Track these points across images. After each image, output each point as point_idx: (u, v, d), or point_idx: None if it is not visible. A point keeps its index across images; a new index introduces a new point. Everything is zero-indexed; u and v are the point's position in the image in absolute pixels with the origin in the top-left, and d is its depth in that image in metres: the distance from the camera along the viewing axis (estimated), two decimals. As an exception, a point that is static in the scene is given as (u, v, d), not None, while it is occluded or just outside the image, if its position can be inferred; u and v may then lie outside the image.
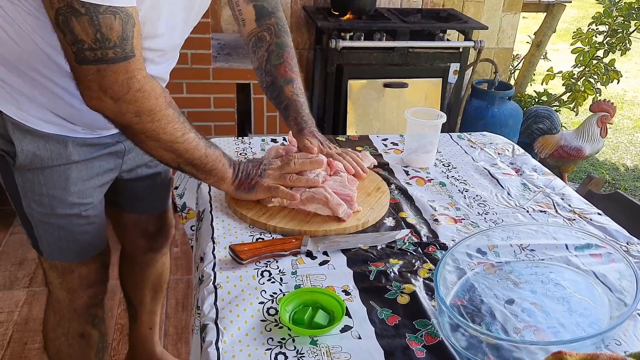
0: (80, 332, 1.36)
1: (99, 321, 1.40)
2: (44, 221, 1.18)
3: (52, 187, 1.14)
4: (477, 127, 3.00)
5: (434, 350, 0.80)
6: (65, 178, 1.15)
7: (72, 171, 1.15)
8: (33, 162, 1.10)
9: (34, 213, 1.17)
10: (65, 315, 1.33)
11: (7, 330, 1.96)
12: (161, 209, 1.49)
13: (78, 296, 1.30)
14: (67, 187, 1.15)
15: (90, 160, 1.18)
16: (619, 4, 3.28)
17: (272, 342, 0.80)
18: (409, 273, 0.96)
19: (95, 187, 1.22)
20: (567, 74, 3.48)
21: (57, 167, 1.13)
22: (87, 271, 1.28)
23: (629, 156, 4.02)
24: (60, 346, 1.37)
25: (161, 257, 1.62)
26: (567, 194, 1.26)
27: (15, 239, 2.44)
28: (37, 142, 1.09)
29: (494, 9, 3.26)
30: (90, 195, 1.20)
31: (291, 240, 1.00)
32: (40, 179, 1.13)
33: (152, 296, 1.66)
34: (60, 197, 1.15)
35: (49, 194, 1.14)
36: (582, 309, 0.90)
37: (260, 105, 2.57)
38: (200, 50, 2.38)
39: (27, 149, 1.08)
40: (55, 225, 1.18)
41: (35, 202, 1.15)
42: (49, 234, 1.20)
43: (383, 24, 2.73)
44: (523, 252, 1.02)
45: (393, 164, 1.36)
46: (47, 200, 1.15)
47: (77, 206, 1.18)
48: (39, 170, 1.12)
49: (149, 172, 1.37)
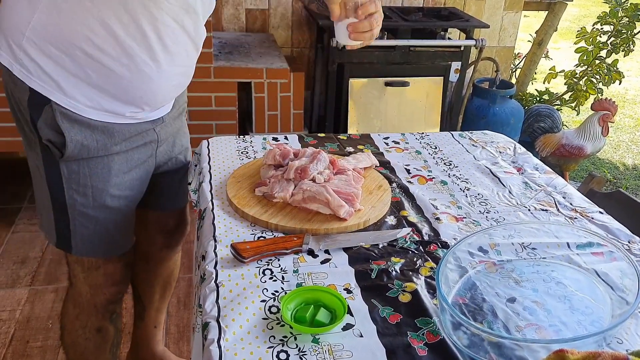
0: (97, 327, 1.37)
1: (117, 317, 1.41)
2: (83, 212, 1.19)
3: (95, 178, 1.16)
4: (479, 126, 3.00)
5: (435, 348, 0.80)
6: (108, 169, 1.16)
7: (114, 163, 1.17)
8: (81, 152, 1.11)
9: (75, 204, 1.17)
10: (85, 309, 1.34)
11: (9, 328, 1.96)
12: (182, 204, 1.50)
13: (100, 292, 1.32)
14: (109, 178, 1.17)
15: (129, 151, 1.19)
16: (624, 5, 3.27)
17: (274, 340, 0.80)
18: (410, 271, 0.96)
19: (134, 179, 1.23)
20: (569, 73, 3.47)
21: (101, 158, 1.15)
22: (112, 269, 1.29)
23: (630, 155, 4.02)
24: (77, 339, 1.38)
25: (175, 255, 1.63)
26: (568, 193, 1.26)
27: (17, 238, 2.44)
28: (84, 131, 1.10)
29: (496, 7, 3.26)
30: (129, 188, 1.22)
31: (293, 239, 1.00)
32: (85, 170, 1.14)
33: (161, 294, 1.67)
34: (102, 189, 1.17)
35: (92, 185, 1.16)
36: (584, 307, 0.90)
37: (262, 104, 2.58)
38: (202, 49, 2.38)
39: (75, 138, 1.09)
40: (93, 217, 1.20)
41: (78, 193, 1.16)
42: (84, 228, 1.21)
43: (384, 22, 2.66)
44: (525, 250, 1.02)
45: (395, 163, 1.36)
46: (90, 191, 1.16)
47: (116, 199, 1.20)
48: (85, 161, 1.13)
49: (173, 167, 1.38)
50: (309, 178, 1.14)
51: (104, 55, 1.04)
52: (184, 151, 1.41)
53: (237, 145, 1.40)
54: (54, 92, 1.06)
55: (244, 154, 1.35)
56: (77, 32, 1.02)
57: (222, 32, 2.94)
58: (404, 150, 1.43)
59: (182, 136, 1.39)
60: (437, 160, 1.38)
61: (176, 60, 1.14)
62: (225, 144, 1.39)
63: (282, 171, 1.17)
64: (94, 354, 1.41)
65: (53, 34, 1.02)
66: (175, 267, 1.67)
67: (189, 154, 1.44)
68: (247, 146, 1.40)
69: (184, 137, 1.41)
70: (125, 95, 1.11)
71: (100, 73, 1.06)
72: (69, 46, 1.03)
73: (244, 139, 1.44)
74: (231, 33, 2.96)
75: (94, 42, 1.03)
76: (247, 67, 2.48)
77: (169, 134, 1.31)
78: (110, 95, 1.09)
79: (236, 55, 2.61)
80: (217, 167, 1.28)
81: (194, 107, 2.46)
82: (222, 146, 1.39)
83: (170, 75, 1.15)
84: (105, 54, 1.04)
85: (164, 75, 1.12)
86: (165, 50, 1.10)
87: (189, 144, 1.45)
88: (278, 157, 1.22)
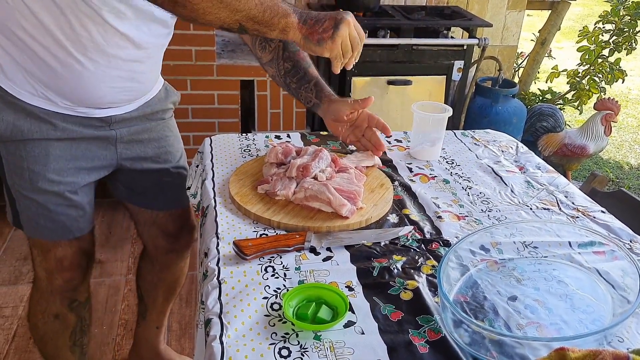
0: (55, 313, 1.38)
1: (78, 305, 1.41)
2: (24, 194, 1.20)
3: (32, 161, 1.17)
4: (481, 125, 3.00)
5: (436, 346, 0.80)
6: (46, 154, 1.17)
7: (53, 148, 1.17)
8: (13, 133, 1.13)
9: (15, 186, 1.19)
10: (44, 294, 1.36)
11: (12, 324, 1.97)
12: (174, 206, 1.50)
13: (54, 277, 1.32)
14: (47, 163, 1.18)
15: (75, 140, 1.20)
16: (626, 3, 3.26)
17: (275, 337, 0.81)
18: (412, 269, 0.96)
19: (80, 169, 1.23)
20: (571, 72, 3.47)
21: (39, 142, 1.15)
22: (62, 253, 1.29)
23: (632, 154, 4.01)
24: (37, 322, 1.41)
25: (181, 261, 1.63)
26: (570, 192, 1.26)
27: (19, 235, 2.45)
28: (18, 113, 1.12)
29: (499, 6, 3.25)
30: (72, 176, 1.22)
31: (295, 236, 1.01)
32: (22, 153, 1.15)
33: (164, 297, 1.67)
34: (39, 172, 1.18)
35: (29, 168, 1.17)
36: (585, 305, 0.90)
37: (264, 102, 2.58)
38: (205, 47, 2.39)
39: (7, 119, 1.11)
40: (34, 200, 1.21)
41: (17, 175, 1.18)
42: (27, 209, 1.22)
43: (387, 21, 2.72)
44: (526, 249, 1.02)
45: (397, 161, 1.36)
46: (27, 174, 1.17)
47: (56, 184, 1.20)
48: (21, 143, 1.15)
49: (156, 167, 1.39)
50: (310, 176, 1.14)
51: (35, 44, 1.06)
52: (164, 155, 1.40)
53: (239, 143, 1.40)
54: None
55: (247, 152, 1.36)
56: (12, 17, 1.04)
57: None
58: (406, 149, 1.43)
59: (164, 139, 1.39)
60: (439, 158, 1.38)
61: (113, 62, 1.12)
62: (228, 142, 1.40)
63: (284, 169, 1.18)
64: (53, 339, 1.43)
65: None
66: (181, 275, 1.66)
67: (171, 157, 1.42)
68: (249, 144, 1.40)
69: (165, 140, 1.40)
70: (57, 87, 1.12)
71: (34, 60, 1.08)
72: (7, 31, 1.05)
73: (246, 137, 1.44)
74: (234, 31, 2.96)
75: (26, 29, 1.04)
76: (250, 65, 2.48)
77: (135, 132, 1.31)
78: (43, 83, 1.11)
79: (239, 53, 2.61)
80: (220, 164, 1.28)
81: (196, 105, 2.46)
82: (225, 144, 1.39)
83: (108, 78, 1.14)
84: (37, 42, 1.06)
85: (98, 75, 1.12)
86: (98, 49, 1.09)
87: (178, 147, 1.45)
88: (280, 155, 1.22)
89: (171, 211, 1.50)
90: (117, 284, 2.19)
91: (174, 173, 1.43)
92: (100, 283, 2.17)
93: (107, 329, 1.99)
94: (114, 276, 2.22)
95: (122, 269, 2.26)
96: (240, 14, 0.95)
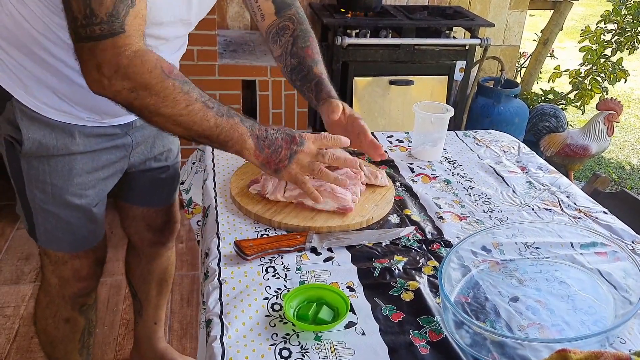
0: (66, 317, 1.38)
1: (87, 308, 1.42)
2: (43, 208, 1.19)
3: (55, 176, 1.16)
4: (483, 125, 3.00)
5: (438, 347, 0.80)
6: (69, 169, 1.16)
7: (77, 162, 1.17)
8: (39, 150, 1.12)
9: (35, 199, 1.18)
10: (54, 299, 1.35)
11: (14, 324, 1.97)
12: (168, 202, 1.51)
13: (69, 286, 1.32)
14: (70, 177, 1.17)
15: (96, 152, 1.19)
16: (628, 3, 3.26)
17: (276, 337, 0.80)
18: (413, 270, 0.96)
19: (99, 179, 1.23)
20: (574, 72, 3.46)
21: (62, 157, 1.15)
22: (79, 264, 1.29)
23: (635, 155, 4.00)
24: (47, 327, 1.40)
25: (167, 251, 1.63)
26: (572, 192, 1.25)
27: (21, 234, 2.45)
28: (44, 130, 1.10)
29: (501, 6, 3.25)
30: (92, 187, 1.22)
31: (296, 237, 1.00)
32: (45, 167, 1.15)
33: (157, 290, 1.67)
34: (62, 187, 1.17)
35: (52, 182, 1.16)
36: (587, 307, 0.89)
37: (266, 101, 2.58)
38: (206, 47, 2.39)
39: (33, 136, 1.10)
40: (53, 213, 1.20)
41: (37, 189, 1.17)
42: (46, 222, 1.21)
43: (389, 21, 2.72)
44: (528, 249, 1.02)
45: (398, 161, 1.36)
46: (49, 188, 1.16)
47: (77, 197, 1.20)
48: (45, 159, 1.14)
49: (158, 165, 1.39)
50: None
51: (57, 61, 1.05)
52: (166, 152, 1.40)
53: (241, 143, 1.40)
54: (16, 89, 1.07)
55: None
56: (30, 36, 1.02)
57: (226, 30, 2.95)
58: (407, 149, 1.42)
59: (165, 138, 1.38)
60: (440, 158, 1.38)
61: None
62: (229, 142, 1.39)
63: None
64: (63, 342, 1.42)
65: (12, 35, 1.03)
66: (169, 264, 1.67)
67: (171, 154, 1.42)
68: (251, 144, 1.40)
69: (166, 138, 1.39)
70: (83, 102, 1.10)
71: (57, 77, 1.06)
72: (26, 49, 1.04)
73: (248, 137, 1.43)
74: (236, 31, 2.96)
75: (46, 47, 1.03)
76: (252, 65, 2.48)
77: (147, 136, 1.31)
78: (68, 99, 1.10)
79: (241, 53, 2.61)
80: (221, 164, 1.28)
81: (198, 105, 2.46)
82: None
83: None
84: (58, 59, 1.04)
85: None
86: None
87: (176, 143, 1.45)
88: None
89: (161, 207, 1.50)
90: (119, 283, 2.19)
91: (171, 169, 1.44)
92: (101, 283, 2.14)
93: (108, 329, 1.99)
94: (115, 276, 2.22)
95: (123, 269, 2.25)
96: (195, 132, 0.97)
